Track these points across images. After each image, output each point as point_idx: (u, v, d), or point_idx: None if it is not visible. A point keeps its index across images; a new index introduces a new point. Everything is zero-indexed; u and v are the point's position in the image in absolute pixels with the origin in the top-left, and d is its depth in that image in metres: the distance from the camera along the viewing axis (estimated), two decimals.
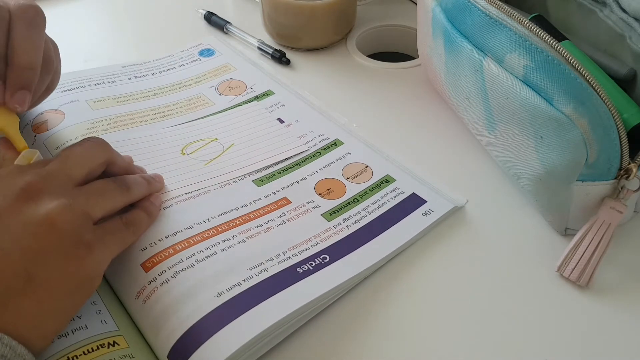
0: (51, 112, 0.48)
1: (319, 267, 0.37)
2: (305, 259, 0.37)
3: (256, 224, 0.40)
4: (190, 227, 0.39)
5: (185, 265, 0.36)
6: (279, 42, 0.60)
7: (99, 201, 0.34)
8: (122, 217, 0.36)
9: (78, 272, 0.31)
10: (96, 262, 0.32)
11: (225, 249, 0.37)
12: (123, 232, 0.35)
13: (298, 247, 0.38)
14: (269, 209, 0.41)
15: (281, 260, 0.37)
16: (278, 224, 0.40)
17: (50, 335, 0.31)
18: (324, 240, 0.39)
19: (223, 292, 0.34)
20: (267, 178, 0.44)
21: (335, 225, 0.40)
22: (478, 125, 0.44)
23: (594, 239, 0.37)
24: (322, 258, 0.37)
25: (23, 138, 0.39)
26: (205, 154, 0.46)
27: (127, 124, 0.48)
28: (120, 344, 0.33)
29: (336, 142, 0.47)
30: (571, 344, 0.35)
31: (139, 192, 0.39)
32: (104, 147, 0.38)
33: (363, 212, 0.41)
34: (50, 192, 0.32)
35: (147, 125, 0.48)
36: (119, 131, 0.47)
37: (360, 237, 0.39)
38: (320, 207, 0.41)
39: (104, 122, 0.48)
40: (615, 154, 0.36)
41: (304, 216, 0.41)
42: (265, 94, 0.53)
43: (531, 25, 0.36)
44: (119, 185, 0.37)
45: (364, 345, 0.35)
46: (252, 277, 0.35)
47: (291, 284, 0.35)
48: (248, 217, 0.40)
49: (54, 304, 0.30)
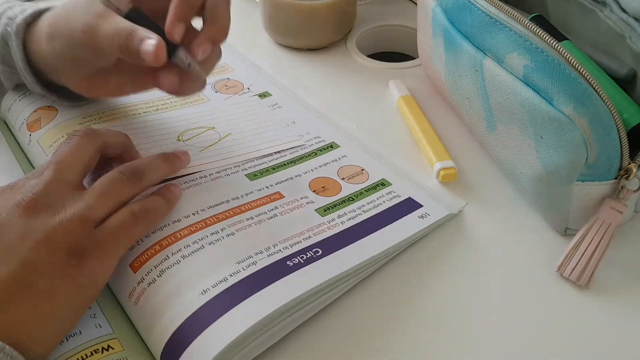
0: (44, 109, 0.47)
1: (310, 260, 0.36)
2: (297, 252, 0.36)
3: (247, 217, 0.39)
4: (177, 220, 0.38)
5: (171, 262, 0.35)
6: (279, 42, 0.60)
7: (102, 201, 0.34)
8: (132, 210, 0.35)
9: (76, 281, 0.31)
10: (93, 270, 0.32)
11: (213, 242, 0.36)
12: (129, 228, 0.34)
13: (290, 240, 0.37)
14: (261, 202, 0.40)
15: (271, 253, 0.36)
16: (270, 217, 0.39)
17: (49, 342, 0.31)
18: (317, 234, 0.38)
19: (208, 289, 0.33)
20: (260, 173, 0.43)
21: (329, 221, 0.39)
22: (478, 125, 0.44)
23: (594, 239, 0.37)
24: (314, 251, 0.36)
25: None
26: (201, 140, 0.45)
27: (120, 117, 0.47)
28: (114, 348, 0.33)
29: (332, 145, 0.47)
30: (571, 344, 0.35)
31: (154, 177, 0.37)
32: (91, 136, 0.37)
33: (358, 211, 0.40)
34: (49, 204, 0.33)
35: (140, 118, 0.48)
36: (112, 122, 0.46)
37: (355, 233, 0.38)
38: (315, 203, 0.41)
39: (96, 115, 0.47)
40: (615, 154, 0.36)
41: (297, 210, 0.40)
42: (263, 94, 0.53)
43: (531, 25, 0.36)
44: (127, 176, 0.36)
45: (364, 346, 0.35)
46: (239, 271, 0.34)
47: (281, 277, 0.34)
48: (239, 209, 0.39)
49: (54, 311, 0.31)
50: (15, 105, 0.48)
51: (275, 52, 0.60)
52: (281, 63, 0.58)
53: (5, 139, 0.48)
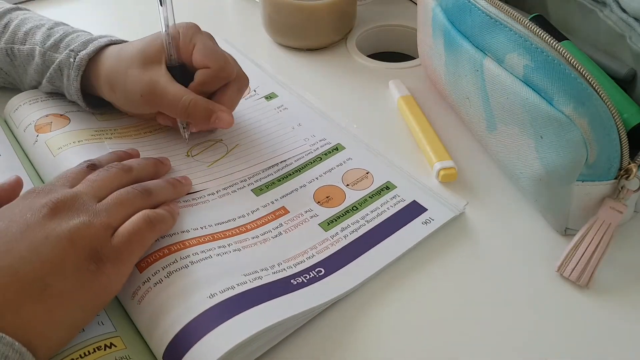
0: (56, 116, 0.48)
1: (313, 280, 0.36)
2: (300, 271, 0.37)
3: (252, 235, 0.39)
4: (186, 230, 0.39)
5: (180, 265, 0.36)
6: (279, 42, 0.60)
7: (120, 210, 0.36)
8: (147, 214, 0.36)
9: (92, 287, 0.32)
10: (109, 277, 0.33)
11: (221, 255, 0.37)
12: (143, 233, 0.35)
13: (293, 260, 0.38)
14: (267, 219, 0.41)
15: (276, 271, 0.37)
16: (275, 235, 0.40)
17: (57, 344, 0.31)
18: (320, 252, 0.38)
19: (216, 293, 0.34)
20: (266, 187, 0.43)
21: (332, 236, 0.40)
22: (478, 125, 0.44)
23: (594, 239, 0.37)
24: (317, 271, 0.37)
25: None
26: (209, 155, 0.46)
27: (132, 135, 0.48)
28: (117, 345, 0.33)
29: (337, 147, 0.47)
30: (571, 344, 0.35)
31: (162, 196, 0.40)
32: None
33: (361, 221, 0.41)
34: (74, 209, 0.34)
35: (150, 135, 0.48)
36: (124, 139, 0.47)
37: (357, 248, 0.39)
38: (318, 216, 0.41)
39: (108, 131, 0.48)
40: (615, 154, 0.36)
41: (301, 226, 0.40)
42: (269, 96, 0.53)
43: (531, 25, 0.36)
44: (140, 191, 0.38)
45: (363, 346, 0.35)
46: (245, 282, 0.35)
47: (284, 294, 0.35)
48: (245, 227, 0.40)
49: (65, 315, 0.31)
50: (24, 107, 0.49)
51: (275, 52, 0.60)
52: (281, 63, 0.58)
53: (8, 140, 0.48)
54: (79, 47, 0.46)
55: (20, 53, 0.48)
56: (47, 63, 0.47)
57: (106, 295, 0.33)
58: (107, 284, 0.33)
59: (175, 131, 0.48)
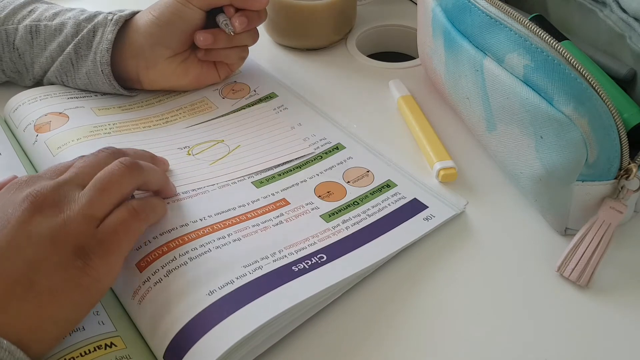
0: (55, 114, 0.48)
1: (315, 266, 0.36)
2: (302, 257, 0.37)
3: (253, 224, 0.39)
4: (185, 224, 0.38)
5: (178, 263, 0.36)
6: (279, 42, 0.60)
7: (102, 197, 0.34)
8: (131, 206, 0.35)
9: (81, 282, 0.31)
10: (97, 271, 0.32)
11: (220, 247, 0.37)
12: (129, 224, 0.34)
13: (295, 246, 0.38)
14: (267, 209, 0.41)
15: (277, 258, 0.37)
16: (275, 223, 0.40)
17: (50, 341, 0.31)
18: (321, 240, 0.38)
19: (215, 290, 0.34)
20: (266, 180, 0.43)
21: (334, 227, 0.40)
22: (478, 125, 0.44)
23: (594, 239, 0.37)
24: (318, 257, 0.37)
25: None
26: (211, 154, 0.46)
27: (130, 129, 0.48)
28: (117, 345, 0.33)
29: (338, 147, 0.47)
30: (571, 344, 0.35)
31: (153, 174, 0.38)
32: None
33: (363, 215, 0.41)
34: (55, 203, 0.32)
35: (149, 131, 0.48)
36: (123, 134, 0.47)
37: (359, 239, 0.39)
38: (320, 209, 0.41)
39: (107, 126, 0.48)
40: (615, 154, 0.36)
41: (302, 217, 0.40)
42: (269, 96, 0.53)
43: (531, 25, 0.36)
44: (127, 166, 0.35)
45: (363, 346, 0.35)
46: (245, 274, 0.35)
47: (285, 282, 0.35)
48: (245, 216, 0.40)
49: (55, 311, 0.31)
50: (24, 107, 0.49)
51: (275, 52, 0.60)
52: (281, 63, 0.58)
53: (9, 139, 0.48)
54: (116, 12, 0.50)
55: (46, 29, 0.50)
56: (79, 30, 0.49)
57: (98, 289, 0.32)
58: (98, 278, 0.32)
59: (177, 126, 0.48)
